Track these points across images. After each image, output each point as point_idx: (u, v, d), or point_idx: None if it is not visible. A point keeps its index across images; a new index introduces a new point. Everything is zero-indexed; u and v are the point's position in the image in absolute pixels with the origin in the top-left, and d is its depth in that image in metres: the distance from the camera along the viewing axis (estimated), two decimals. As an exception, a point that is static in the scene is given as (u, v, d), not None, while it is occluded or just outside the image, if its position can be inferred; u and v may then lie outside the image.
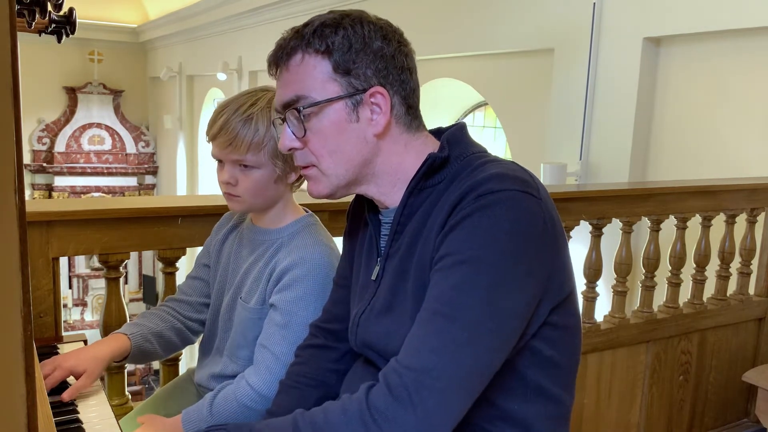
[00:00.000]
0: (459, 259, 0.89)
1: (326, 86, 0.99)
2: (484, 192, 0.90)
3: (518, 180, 0.93)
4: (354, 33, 0.99)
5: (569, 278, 1.00)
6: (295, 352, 1.26)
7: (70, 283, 11.38)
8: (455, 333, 0.86)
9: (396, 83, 1.02)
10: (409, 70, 1.04)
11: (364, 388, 0.90)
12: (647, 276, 2.55)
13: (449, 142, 1.03)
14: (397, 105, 1.02)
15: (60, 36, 0.99)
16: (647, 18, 3.40)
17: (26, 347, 0.46)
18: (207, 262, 1.53)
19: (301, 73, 1.01)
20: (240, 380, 1.29)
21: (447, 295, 0.88)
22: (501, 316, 0.88)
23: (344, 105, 1.00)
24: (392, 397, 0.86)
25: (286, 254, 1.32)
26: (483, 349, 0.87)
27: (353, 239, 1.21)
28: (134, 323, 1.43)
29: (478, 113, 5.80)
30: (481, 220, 0.89)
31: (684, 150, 3.44)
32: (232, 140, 1.28)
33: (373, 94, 1.00)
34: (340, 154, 1.02)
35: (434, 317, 0.89)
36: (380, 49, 1.00)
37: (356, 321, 1.10)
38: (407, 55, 1.04)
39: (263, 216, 1.40)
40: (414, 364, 0.86)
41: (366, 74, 0.99)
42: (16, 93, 0.44)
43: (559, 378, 1.01)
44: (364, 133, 1.01)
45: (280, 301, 1.29)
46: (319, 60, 0.99)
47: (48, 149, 11.57)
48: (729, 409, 2.87)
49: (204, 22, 8.82)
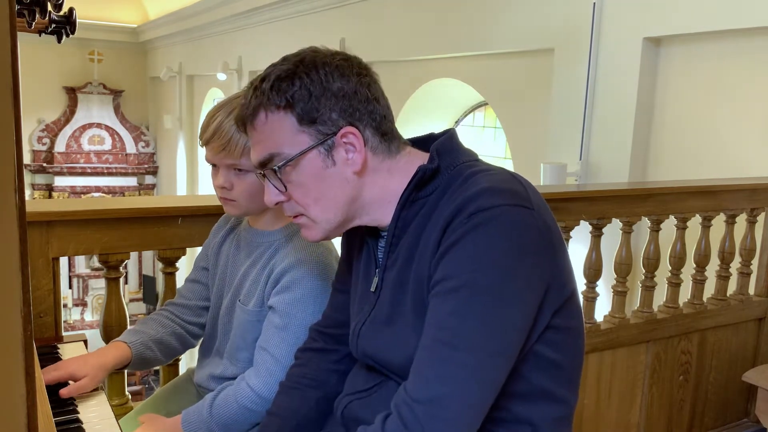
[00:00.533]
0: (455, 285, 0.90)
1: (296, 139, 1.00)
2: (476, 210, 0.91)
3: (509, 193, 0.93)
4: (311, 81, 0.99)
5: (569, 281, 1.00)
6: (295, 355, 1.26)
7: (70, 283, 11.38)
8: (460, 360, 0.88)
9: (364, 117, 1.01)
10: (374, 99, 1.03)
11: (380, 420, 0.92)
12: (647, 276, 2.54)
13: (438, 152, 1.03)
14: (370, 138, 1.02)
15: (60, 36, 0.99)
16: (647, 18, 3.40)
17: (26, 347, 0.46)
18: (206, 265, 1.52)
19: (269, 131, 1.02)
20: (240, 382, 1.29)
21: (447, 322, 0.90)
22: (502, 335, 0.90)
23: (317, 153, 1.01)
24: (406, 429, 0.88)
25: (283, 256, 1.32)
26: (488, 370, 0.89)
27: (351, 245, 1.21)
28: (134, 330, 1.42)
29: (478, 113, 5.80)
30: (474, 241, 0.90)
31: (684, 150, 3.44)
32: (226, 145, 1.27)
33: (344, 135, 1.00)
34: (325, 200, 1.03)
35: (437, 345, 0.90)
36: (340, 89, 1.00)
37: (356, 332, 1.11)
38: (369, 85, 1.03)
39: (260, 218, 1.39)
40: (423, 396, 0.88)
41: (332, 118, 1.00)
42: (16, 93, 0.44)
43: (563, 379, 1.02)
44: (344, 174, 1.02)
45: (279, 303, 1.29)
46: (282, 115, 1.00)
47: (48, 149, 11.57)
48: (729, 409, 2.86)
49: (204, 22, 8.82)
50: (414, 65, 5.48)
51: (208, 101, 9.75)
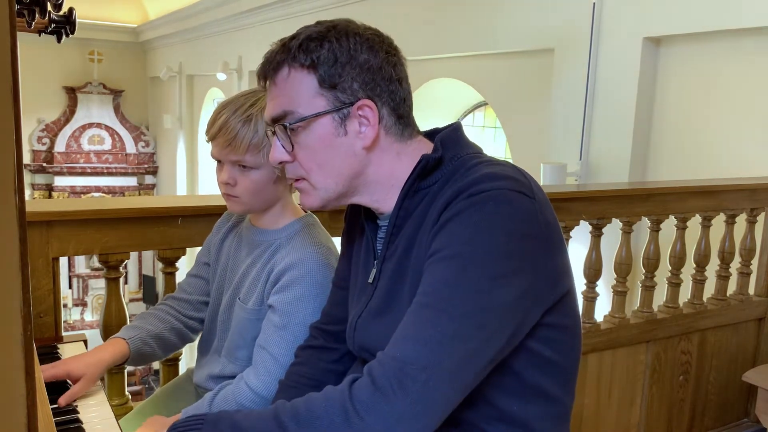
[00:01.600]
0: (448, 254, 0.89)
1: (313, 101, 1.00)
2: (476, 191, 0.91)
3: (511, 179, 0.93)
4: (339, 46, 0.99)
5: (564, 279, 0.98)
6: (295, 353, 1.26)
7: (70, 283, 11.38)
8: (442, 325, 0.86)
9: (384, 94, 1.01)
10: (398, 80, 1.03)
11: (349, 379, 0.90)
12: (647, 276, 2.55)
13: (443, 143, 1.03)
14: (386, 116, 1.02)
15: (60, 36, 0.99)
16: (647, 18, 3.40)
17: (26, 347, 0.46)
18: (207, 261, 1.53)
19: (288, 88, 1.01)
20: (239, 381, 1.29)
21: (435, 289, 0.89)
22: (489, 310, 0.88)
23: (331, 119, 1.00)
24: (374, 387, 0.85)
25: (284, 255, 1.32)
26: (471, 342, 0.86)
27: (351, 240, 1.21)
28: (132, 326, 1.42)
29: (478, 113, 5.80)
30: (471, 216, 0.89)
31: (684, 150, 3.44)
32: (231, 140, 1.27)
33: (361, 107, 1.00)
34: (329, 167, 1.02)
35: (421, 309, 0.89)
36: (366, 62, 0.99)
37: (353, 324, 1.10)
38: (395, 65, 1.03)
39: (262, 216, 1.39)
40: (398, 355, 0.86)
41: (352, 87, 0.99)
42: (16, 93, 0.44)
43: (558, 378, 1.01)
44: (353, 147, 1.01)
45: (278, 302, 1.29)
46: (304, 75, 1.00)
47: (48, 149, 11.57)
48: (729, 409, 2.87)
49: (204, 22, 8.82)
50: (414, 65, 5.44)
51: (208, 101, 9.75)
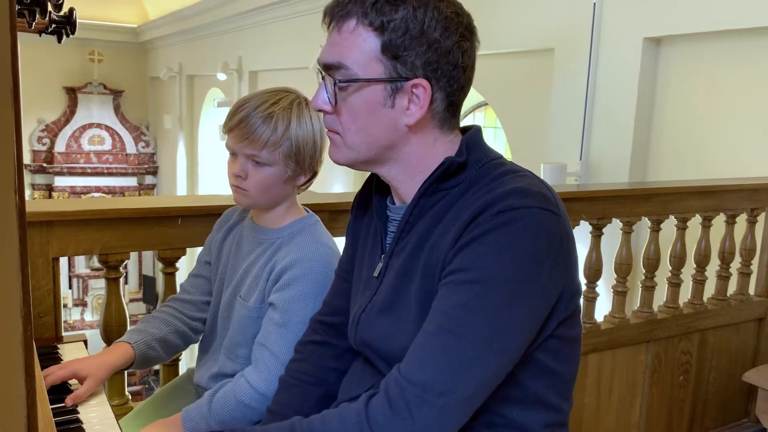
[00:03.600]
0: (471, 277, 0.89)
1: (371, 64, 0.95)
2: (505, 208, 0.89)
3: (539, 196, 0.92)
4: (414, 17, 0.93)
5: (578, 293, 1.00)
6: (296, 348, 1.25)
7: (70, 283, 11.38)
8: (462, 351, 0.86)
9: (443, 79, 0.97)
10: (463, 67, 0.98)
11: (365, 397, 0.90)
12: (647, 276, 2.54)
13: (468, 146, 1.01)
14: (438, 101, 0.98)
15: (60, 36, 0.99)
16: (647, 18, 3.40)
17: (26, 347, 0.46)
18: (209, 260, 1.53)
19: (350, 41, 0.96)
20: (239, 378, 1.29)
21: (456, 313, 0.88)
22: (509, 336, 0.89)
23: (383, 88, 0.96)
24: (392, 411, 0.86)
25: (285, 253, 1.32)
26: (488, 368, 0.88)
27: (357, 231, 1.19)
28: (137, 330, 1.42)
29: (478, 113, 5.80)
30: (498, 238, 0.88)
31: (684, 150, 3.44)
32: (249, 135, 1.28)
33: (416, 85, 0.96)
34: (366, 133, 0.99)
35: (441, 333, 0.88)
36: (436, 41, 0.94)
37: (356, 318, 1.09)
38: (465, 51, 0.98)
39: (265, 215, 1.40)
40: (417, 379, 0.87)
41: (414, 63, 0.95)
42: (16, 93, 0.44)
43: (558, 387, 1.01)
44: (396, 121, 0.98)
45: (279, 300, 1.29)
46: (370, 35, 0.95)
47: (48, 149, 11.57)
48: (729, 409, 2.86)
49: (204, 22, 8.82)
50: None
51: (208, 101, 9.75)
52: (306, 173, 1.35)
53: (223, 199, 1.77)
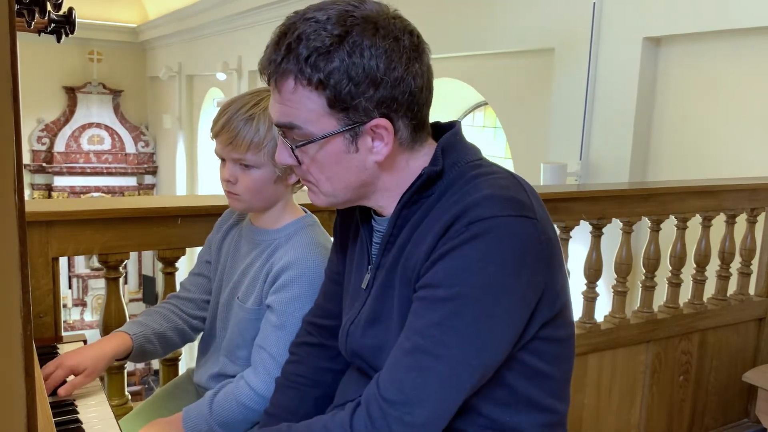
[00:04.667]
0: (444, 294, 0.88)
1: (322, 120, 0.91)
2: (475, 219, 0.87)
3: (512, 202, 0.89)
4: (352, 64, 0.87)
5: (563, 293, 0.97)
6: (290, 349, 1.25)
7: (70, 283, 11.38)
8: (438, 371, 0.87)
9: (401, 109, 0.92)
10: (419, 89, 0.93)
11: (350, 409, 0.92)
12: (647, 276, 2.54)
13: (444, 151, 0.97)
14: (401, 129, 0.94)
15: (59, 36, 0.99)
16: (647, 18, 3.40)
17: (26, 347, 0.46)
18: (209, 259, 1.53)
19: (294, 101, 0.91)
20: (239, 380, 1.29)
21: (431, 332, 0.88)
22: (486, 351, 0.89)
23: (342, 138, 0.93)
24: (372, 427, 0.88)
25: (282, 254, 1.32)
26: (467, 383, 0.89)
27: (345, 235, 1.18)
28: (137, 322, 1.42)
29: (478, 113, 5.80)
30: (469, 252, 0.86)
31: (684, 150, 3.44)
32: (233, 139, 1.27)
33: (376, 126, 0.92)
34: (338, 180, 0.97)
35: (417, 352, 0.88)
36: (383, 79, 0.89)
37: (346, 330, 1.09)
38: (416, 74, 0.92)
39: (262, 216, 1.39)
40: (396, 399, 0.88)
41: (366, 108, 0.90)
42: (16, 93, 0.44)
43: (550, 389, 1.00)
44: (364, 162, 0.95)
45: (276, 302, 1.29)
46: (312, 93, 0.89)
47: (47, 149, 11.57)
48: (729, 409, 2.86)
49: (204, 22, 8.82)
50: (414, 65, 5.47)
51: (207, 101, 9.75)
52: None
53: (223, 199, 1.76)
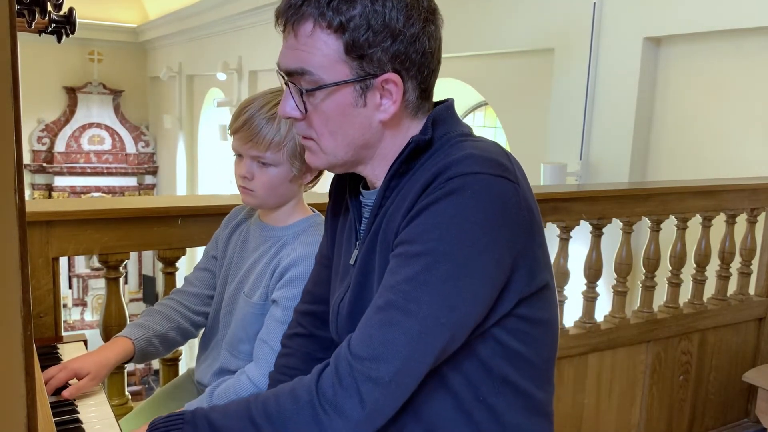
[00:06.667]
0: (418, 250, 0.86)
1: (335, 66, 0.91)
2: (453, 175, 0.86)
3: (492, 162, 0.88)
4: (373, 11, 0.88)
5: (543, 271, 0.96)
6: (282, 342, 1.25)
7: (70, 283, 11.37)
8: (407, 326, 0.85)
9: (413, 68, 0.93)
10: (431, 52, 0.94)
11: (316, 371, 0.90)
12: (647, 276, 2.54)
13: (434, 122, 0.97)
14: (410, 91, 0.95)
15: (60, 36, 0.99)
16: (647, 18, 3.40)
17: (26, 347, 0.46)
18: (215, 254, 1.54)
19: (310, 45, 0.91)
20: (240, 374, 1.30)
21: (403, 287, 0.86)
22: (456, 309, 0.86)
23: (352, 89, 0.92)
24: (341, 386, 0.86)
25: (290, 251, 1.34)
26: (437, 342, 0.86)
27: (336, 218, 1.17)
28: (138, 324, 1.42)
29: (478, 113, 5.80)
30: (446, 208, 0.85)
31: (684, 150, 3.44)
32: (254, 136, 1.29)
33: (387, 81, 0.92)
34: (341, 136, 0.96)
35: (389, 308, 0.87)
36: (400, 32, 0.90)
37: (336, 308, 1.07)
38: (431, 35, 0.94)
39: (272, 213, 1.41)
40: (364, 354, 0.86)
41: (381, 59, 0.90)
42: (16, 93, 0.44)
43: (528, 372, 0.98)
44: (370, 119, 0.95)
45: (282, 297, 1.30)
46: (330, 37, 0.90)
47: (48, 149, 11.57)
48: (729, 409, 2.86)
49: (204, 22, 8.82)
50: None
51: (208, 101, 9.75)
52: (312, 171, 1.36)
53: (223, 199, 1.77)
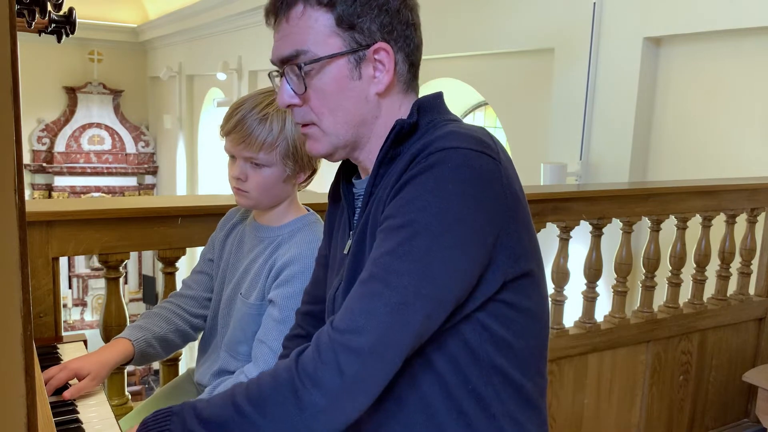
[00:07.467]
0: (399, 222, 0.87)
1: (328, 41, 0.95)
2: (434, 150, 0.88)
3: (473, 139, 0.90)
4: None
5: (529, 257, 0.95)
6: (283, 343, 1.25)
7: (70, 283, 11.38)
8: (387, 297, 0.85)
9: (400, 39, 0.98)
10: (413, 25, 1.00)
11: (297, 351, 0.90)
12: (647, 276, 2.54)
13: (420, 108, 0.99)
14: (400, 62, 0.99)
15: (60, 36, 0.99)
16: (647, 18, 3.40)
17: (26, 347, 0.46)
18: (211, 257, 1.54)
19: (302, 26, 0.96)
20: (239, 375, 1.30)
21: (384, 260, 0.87)
22: (438, 281, 0.86)
23: (346, 61, 0.96)
24: (320, 360, 0.85)
25: (285, 251, 1.34)
26: (417, 314, 0.86)
27: (333, 219, 1.18)
28: (138, 326, 1.43)
29: (478, 113, 5.80)
30: (426, 181, 0.87)
31: (684, 150, 3.44)
32: (246, 138, 1.29)
33: (377, 51, 0.96)
34: (341, 112, 0.98)
35: (370, 280, 0.87)
36: (386, 3, 0.96)
37: (332, 298, 1.07)
38: (412, 9, 1.00)
39: (267, 214, 1.41)
40: (344, 326, 0.86)
41: (371, 29, 0.95)
42: (16, 93, 0.44)
43: (515, 360, 0.97)
44: (366, 92, 0.98)
45: (278, 297, 1.30)
46: (321, 13, 0.94)
47: (48, 149, 11.57)
48: (729, 409, 2.86)
49: (204, 22, 8.82)
50: (414, 65, 5.47)
51: (208, 101, 9.75)
52: (305, 170, 1.36)
53: (223, 199, 1.77)
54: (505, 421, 0.97)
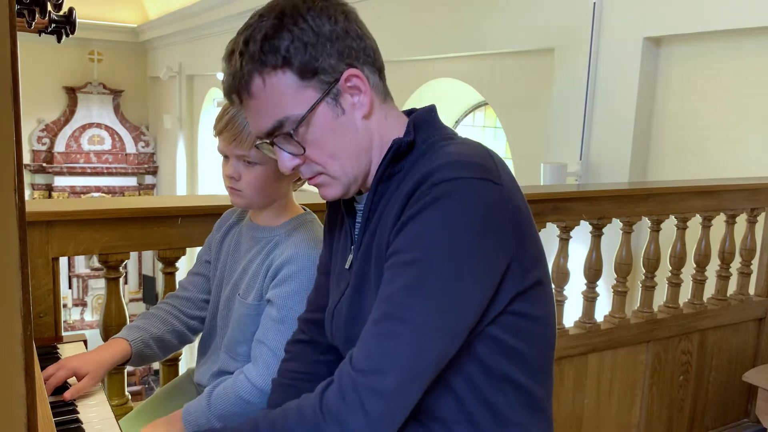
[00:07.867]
0: (409, 258, 0.88)
1: (302, 97, 0.95)
2: (437, 181, 0.88)
3: (475, 166, 0.90)
4: (301, 30, 0.93)
5: (537, 267, 0.97)
6: (285, 348, 1.26)
7: (70, 283, 11.38)
8: (405, 336, 0.86)
9: (361, 55, 0.98)
10: (362, 35, 0.99)
11: (321, 387, 0.91)
12: (647, 276, 2.54)
13: (416, 125, 1.00)
14: (370, 76, 0.99)
15: (60, 36, 0.99)
16: (647, 18, 3.40)
17: (26, 347, 0.46)
18: (208, 259, 1.54)
19: (271, 95, 0.95)
20: (238, 374, 1.30)
21: (396, 297, 0.88)
22: (452, 313, 0.88)
23: (326, 104, 0.96)
24: (344, 402, 0.87)
25: (282, 250, 1.34)
26: (435, 349, 0.88)
27: (332, 227, 1.19)
28: (135, 326, 1.43)
29: (478, 113, 5.80)
30: (432, 214, 0.87)
31: (684, 150, 3.44)
32: (237, 136, 1.29)
33: (348, 79, 0.96)
34: (341, 153, 0.99)
35: (385, 319, 0.88)
36: (332, 32, 0.95)
37: (331, 312, 1.09)
38: (354, 19, 0.99)
39: (262, 213, 1.41)
40: (366, 368, 0.87)
41: (332, 64, 0.95)
42: (16, 93, 0.44)
43: (526, 368, 0.99)
44: (354, 122, 0.98)
45: (276, 296, 1.30)
46: (281, 75, 0.94)
47: (48, 149, 11.57)
48: (729, 409, 2.86)
49: (204, 22, 8.82)
50: (414, 65, 5.48)
51: (208, 101, 9.75)
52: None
53: (223, 199, 1.77)
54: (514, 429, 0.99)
